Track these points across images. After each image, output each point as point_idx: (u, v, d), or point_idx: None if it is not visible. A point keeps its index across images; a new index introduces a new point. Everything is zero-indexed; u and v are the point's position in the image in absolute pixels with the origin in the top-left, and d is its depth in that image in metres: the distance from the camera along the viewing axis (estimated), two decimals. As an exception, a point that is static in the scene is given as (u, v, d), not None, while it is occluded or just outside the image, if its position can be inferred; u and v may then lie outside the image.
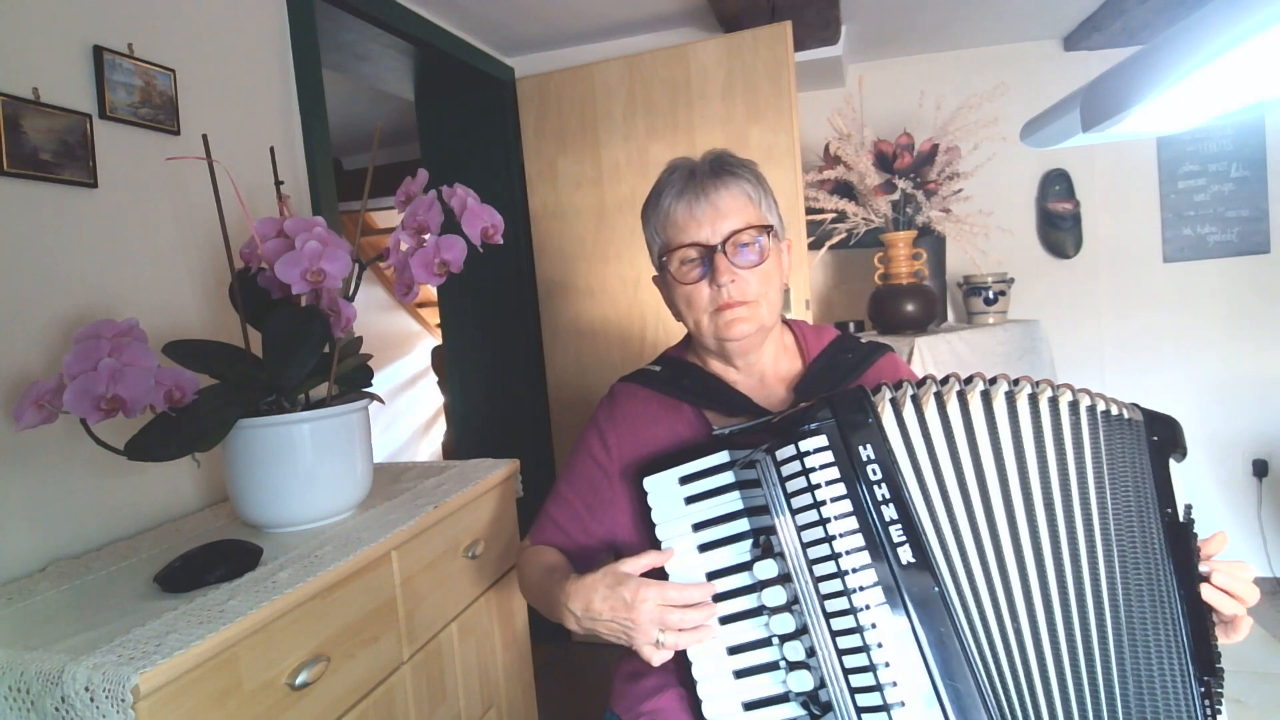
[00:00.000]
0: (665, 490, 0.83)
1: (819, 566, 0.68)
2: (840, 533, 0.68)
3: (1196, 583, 0.72)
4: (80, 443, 0.95)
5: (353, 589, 0.93)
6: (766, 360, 0.96)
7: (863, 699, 0.66)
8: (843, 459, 0.69)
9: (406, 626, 1.04)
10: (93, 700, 0.64)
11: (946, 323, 2.44)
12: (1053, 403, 0.75)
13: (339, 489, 1.06)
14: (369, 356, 1.16)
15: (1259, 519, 2.53)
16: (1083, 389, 0.77)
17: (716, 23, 2.20)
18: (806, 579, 0.70)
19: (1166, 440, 0.77)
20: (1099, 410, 0.76)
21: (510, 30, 2.22)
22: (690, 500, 0.82)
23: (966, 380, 0.75)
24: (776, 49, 2.05)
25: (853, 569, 0.67)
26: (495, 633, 1.31)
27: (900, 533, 0.67)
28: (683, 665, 0.79)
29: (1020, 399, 0.74)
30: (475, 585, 1.25)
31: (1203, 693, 0.70)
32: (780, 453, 0.71)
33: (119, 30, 1.13)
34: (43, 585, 0.90)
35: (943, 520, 0.70)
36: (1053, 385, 0.76)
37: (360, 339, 1.22)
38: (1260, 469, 2.52)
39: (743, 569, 0.77)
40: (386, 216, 4.47)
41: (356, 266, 1.06)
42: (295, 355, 0.99)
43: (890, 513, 0.68)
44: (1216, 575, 0.72)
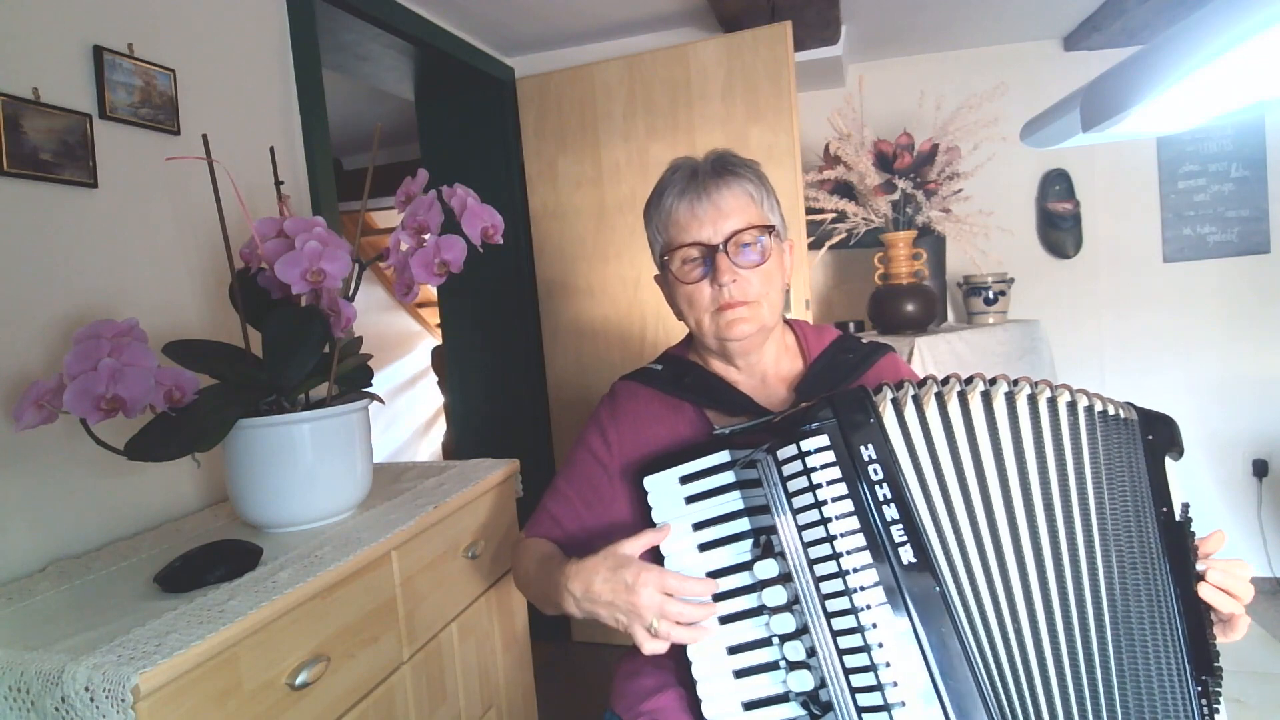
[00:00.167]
0: (666, 489, 0.83)
1: (820, 566, 0.68)
2: (841, 532, 0.67)
3: (1193, 581, 0.72)
4: (80, 443, 0.95)
5: (353, 589, 0.93)
6: (768, 360, 0.96)
7: (863, 699, 0.66)
8: (844, 459, 0.69)
9: (406, 626, 1.04)
10: (93, 700, 0.64)
11: (946, 323, 2.44)
12: (1051, 403, 0.75)
13: (339, 489, 1.06)
14: (369, 356, 1.16)
15: (1259, 519, 2.53)
16: (1080, 389, 0.77)
17: (716, 23, 2.20)
18: (807, 578, 0.70)
19: (1162, 439, 0.77)
20: (1095, 410, 0.76)
21: (510, 30, 2.22)
22: (691, 500, 0.82)
23: (967, 380, 0.75)
24: (776, 49, 2.05)
25: (854, 569, 0.67)
26: (495, 633, 1.31)
27: (901, 532, 0.67)
28: (682, 665, 0.79)
29: (1020, 399, 0.74)
30: (475, 585, 1.25)
31: (1199, 691, 0.70)
32: (781, 452, 0.71)
33: (119, 30, 1.13)
34: (43, 585, 0.90)
35: (944, 520, 0.70)
36: (1051, 385, 0.76)
37: (360, 339, 1.22)
38: (1260, 469, 2.52)
39: (743, 568, 0.77)
40: (386, 216, 4.47)
41: (356, 266, 1.06)
42: (295, 355, 0.99)
43: (891, 512, 0.68)
44: (1212, 573, 0.72)
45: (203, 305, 1.25)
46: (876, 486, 0.68)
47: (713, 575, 0.78)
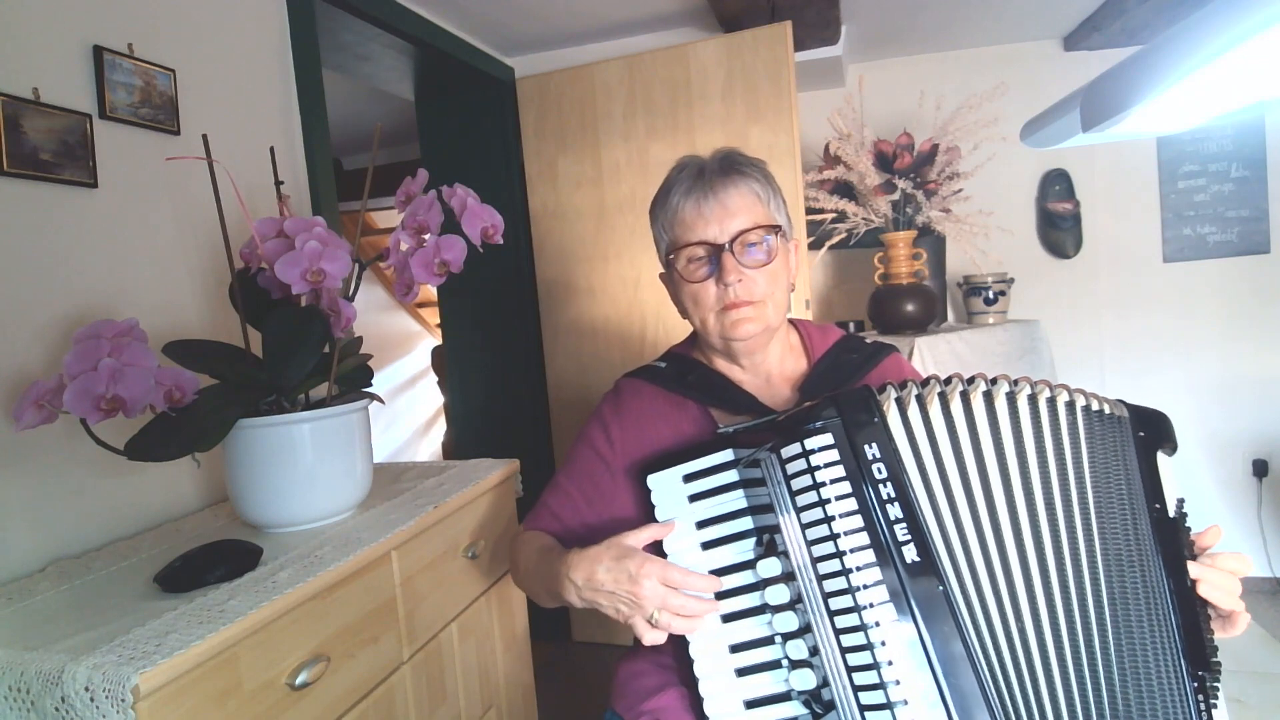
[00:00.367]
0: (669, 488, 0.83)
1: (823, 565, 0.68)
2: (845, 531, 0.67)
3: (1187, 577, 0.72)
4: (80, 443, 0.95)
5: (353, 589, 0.93)
6: (772, 360, 0.96)
7: (866, 697, 0.66)
8: (848, 458, 0.69)
9: (406, 626, 1.04)
10: (93, 700, 0.64)
11: (946, 323, 2.44)
12: (1050, 403, 0.75)
13: (339, 489, 1.06)
14: (369, 356, 1.16)
15: (1259, 519, 2.53)
16: (1077, 389, 0.77)
17: (716, 23, 2.20)
18: (810, 577, 0.69)
19: (1154, 436, 0.77)
20: (1090, 409, 0.76)
21: (510, 30, 2.22)
22: (694, 498, 0.82)
23: (969, 380, 0.75)
24: (776, 49, 2.05)
25: (857, 567, 0.67)
26: (495, 633, 1.31)
27: (905, 532, 0.67)
28: (684, 664, 0.79)
29: (1020, 399, 0.74)
30: (475, 585, 1.24)
31: (1196, 688, 0.70)
32: (785, 451, 0.71)
33: (119, 30, 1.13)
34: (43, 585, 0.90)
35: (946, 519, 0.70)
36: (1050, 385, 0.76)
37: (360, 339, 1.22)
38: (1260, 469, 2.52)
39: (745, 567, 0.77)
40: (386, 216, 4.46)
41: (356, 266, 1.06)
42: (295, 355, 0.99)
43: (895, 511, 0.67)
44: (1201, 585, 0.72)
45: (203, 305, 1.25)
46: (880, 486, 0.68)
47: (715, 573, 0.78)
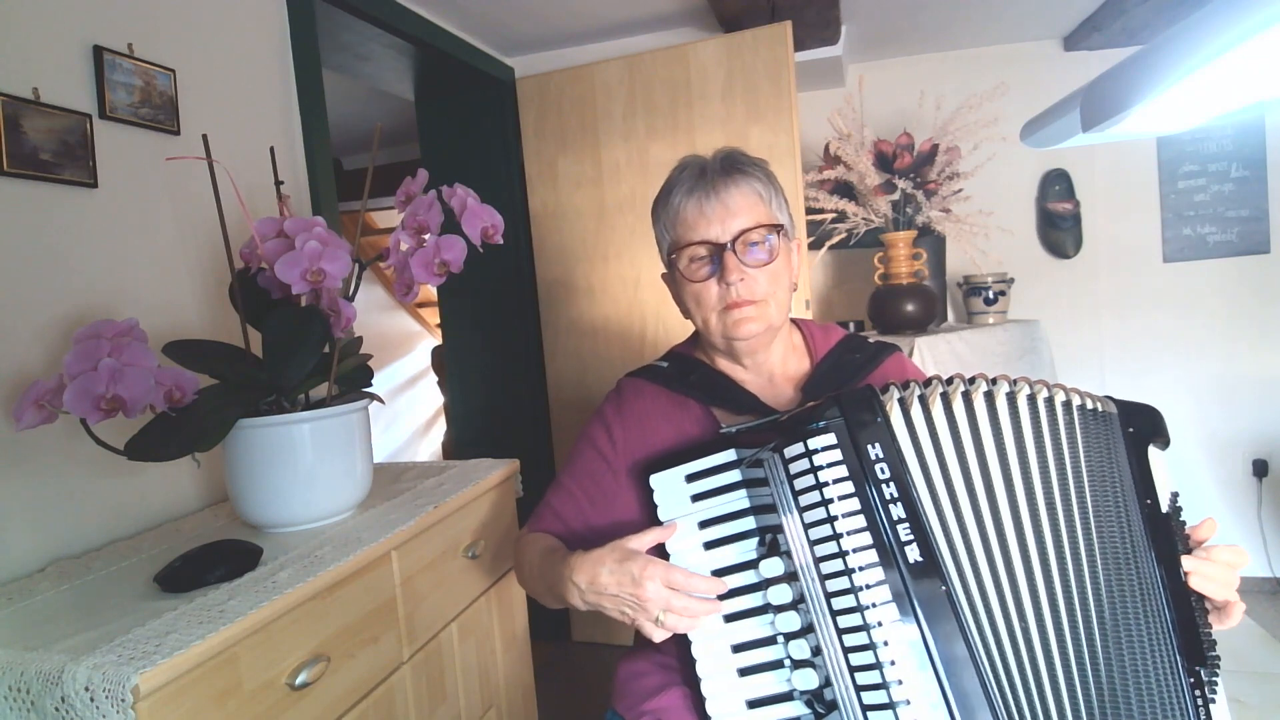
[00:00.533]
0: (671, 487, 0.83)
1: (826, 565, 0.68)
2: (847, 531, 0.67)
3: (1180, 571, 0.72)
4: (80, 443, 0.95)
5: (353, 589, 0.93)
6: (775, 359, 0.96)
7: (868, 697, 0.66)
8: (851, 458, 0.69)
9: (406, 626, 1.04)
10: (93, 700, 0.64)
11: (946, 323, 2.44)
12: (1049, 403, 0.76)
13: (339, 489, 1.06)
14: (369, 356, 1.16)
15: (1259, 519, 2.53)
16: (1070, 387, 0.78)
17: (716, 23, 2.20)
18: (813, 577, 0.69)
19: (1144, 430, 0.77)
20: (1086, 408, 0.76)
21: (510, 30, 2.22)
22: (696, 498, 0.82)
23: (970, 380, 0.75)
24: (776, 49, 2.05)
25: (859, 567, 0.67)
26: (495, 633, 1.31)
27: (908, 531, 0.67)
28: (686, 663, 0.79)
29: (1020, 399, 0.75)
30: (475, 585, 1.24)
31: (1192, 683, 0.70)
32: (788, 451, 0.71)
33: (119, 30, 1.13)
34: (43, 585, 0.90)
35: (949, 519, 0.70)
36: (1048, 385, 0.77)
37: (360, 339, 1.22)
38: (1260, 469, 2.52)
39: (748, 567, 0.77)
40: (386, 216, 4.46)
41: (356, 266, 1.06)
42: (295, 355, 0.99)
43: (898, 511, 0.67)
44: (1194, 578, 0.72)
45: (203, 305, 1.25)
46: (883, 485, 0.68)
47: (718, 573, 0.78)
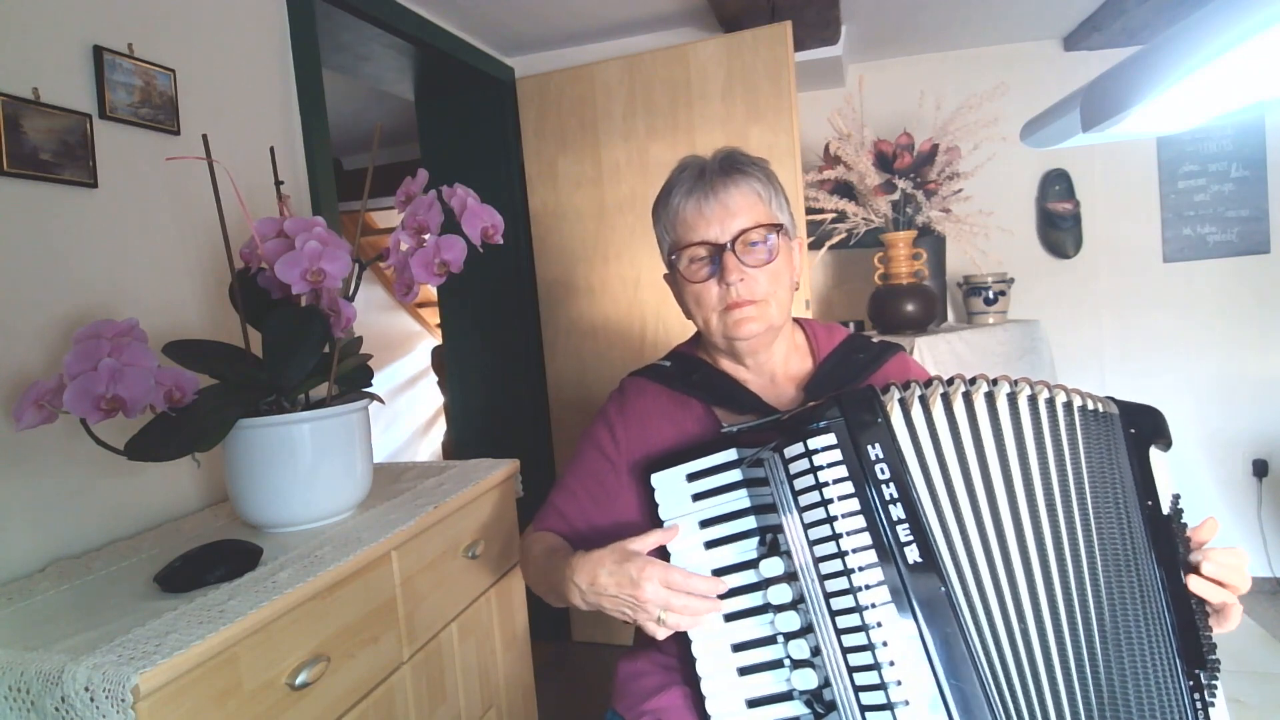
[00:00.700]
0: (672, 486, 0.83)
1: (825, 565, 0.68)
2: (847, 531, 0.67)
3: (1181, 574, 0.72)
4: (80, 443, 0.95)
5: (353, 589, 0.93)
6: (777, 359, 0.95)
7: (867, 697, 0.66)
8: (851, 458, 0.69)
9: (406, 626, 1.04)
10: (93, 700, 0.64)
11: (946, 323, 2.44)
12: (1049, 403, 0.75)
13: (339, 489, 1.06)
14: (369, 356, 1.16)
15: (1259, 519, 2.53)
16: (1071, 388, 0.77)
17: (716, 23, 2.20)
18: (813, 577, 0.69)
19: (1145, 431, 0.77)
20: (1087, 408, 0.76)
21: (510, 30, 2.22)
22: (697, 497, 0.82)
23: (971, 381, 0.75)
24: (776, 49, 2.05)
25: (859, 568, 0.67)
26: (495, 633, 1.31)
27: (907, 532, 0.67)
28: (686, 663, 0.79)
29: (1020, 399, 0.74)
30: (475, 585, 1.25)
31: (1191, 686, 0.70)
32: (788, 451, 0.71)
33: (119, 30, 1.13)
34: (43, 585, 0.90)
35: (949, 520, 0.69)
36: (1049, 385, 0.76)
37: (360, 339, 1.22)
38: (1260, 469, 2.52)
39: (748, 566, 0.77)
40: (386, 216, 4.46)
41: (356, 266, 1.06)
42: (295, 355, 0.99)
43: (898, 512, 0.67)
44: (1206, 565, 0.72)
45: (203, 305, 1.25)
46: (883, 486, 0.68)
47: (718, 572, 0.78)
